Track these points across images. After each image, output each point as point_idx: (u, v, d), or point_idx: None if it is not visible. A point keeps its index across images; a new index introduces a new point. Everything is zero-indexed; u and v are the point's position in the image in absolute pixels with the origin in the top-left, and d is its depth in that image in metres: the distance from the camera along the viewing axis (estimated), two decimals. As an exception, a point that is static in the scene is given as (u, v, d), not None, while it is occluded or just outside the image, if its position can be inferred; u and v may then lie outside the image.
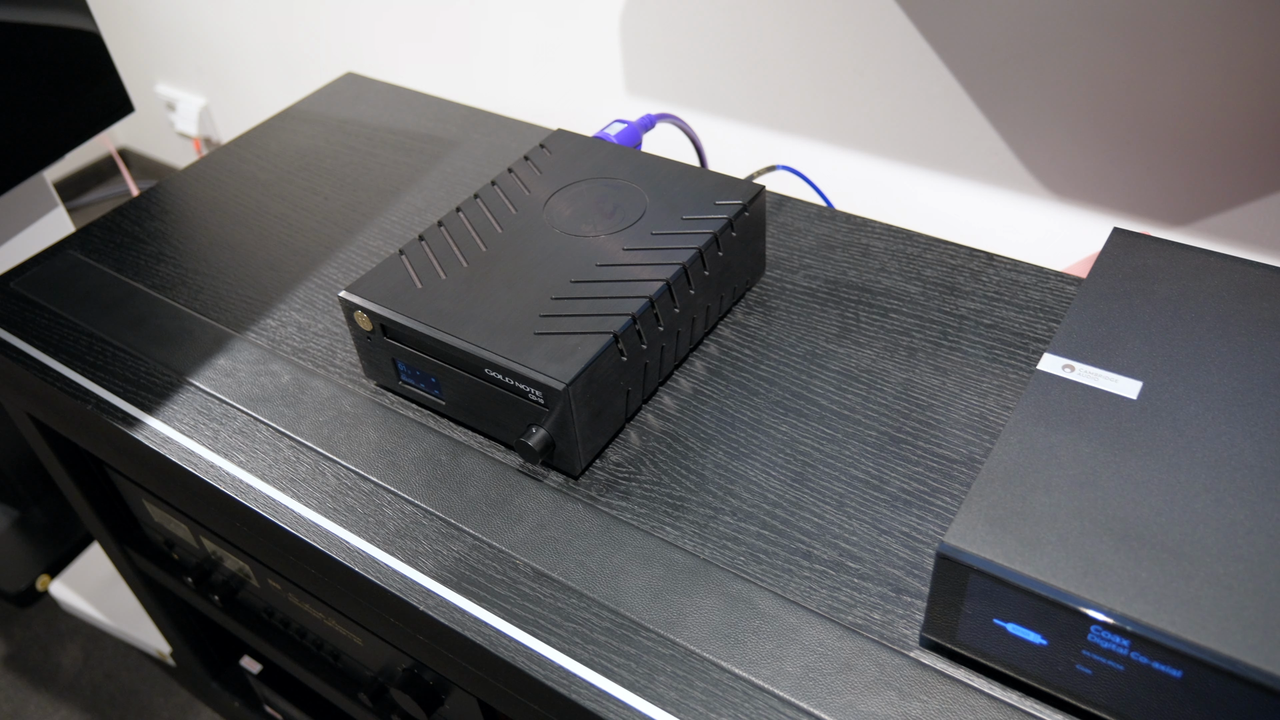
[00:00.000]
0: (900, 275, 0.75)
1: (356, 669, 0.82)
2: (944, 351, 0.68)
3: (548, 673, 0.53)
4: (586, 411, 0.59)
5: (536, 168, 0.75)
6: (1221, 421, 0.51)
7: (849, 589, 0.55)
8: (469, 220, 0.70)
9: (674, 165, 0.73)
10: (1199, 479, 0.48)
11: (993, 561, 0.46)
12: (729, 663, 0.52)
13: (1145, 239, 0.62)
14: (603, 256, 0.66)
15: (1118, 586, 0.44)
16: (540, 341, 0.60)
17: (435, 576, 0.58)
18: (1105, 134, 0.93)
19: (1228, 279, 0.59)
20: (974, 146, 1.02)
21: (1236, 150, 0.88)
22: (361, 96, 1.03)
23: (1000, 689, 0.50)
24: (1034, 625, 0.46)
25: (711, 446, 0.63)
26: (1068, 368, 0.54)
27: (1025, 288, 0.73)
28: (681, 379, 0.68)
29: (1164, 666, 0.43)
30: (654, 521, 0.59)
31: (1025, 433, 0.51)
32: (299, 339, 0.74)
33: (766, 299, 0.74)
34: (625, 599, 0.56)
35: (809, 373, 0.68)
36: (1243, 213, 0.91)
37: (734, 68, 1.13)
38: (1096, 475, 0.49)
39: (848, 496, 0.60)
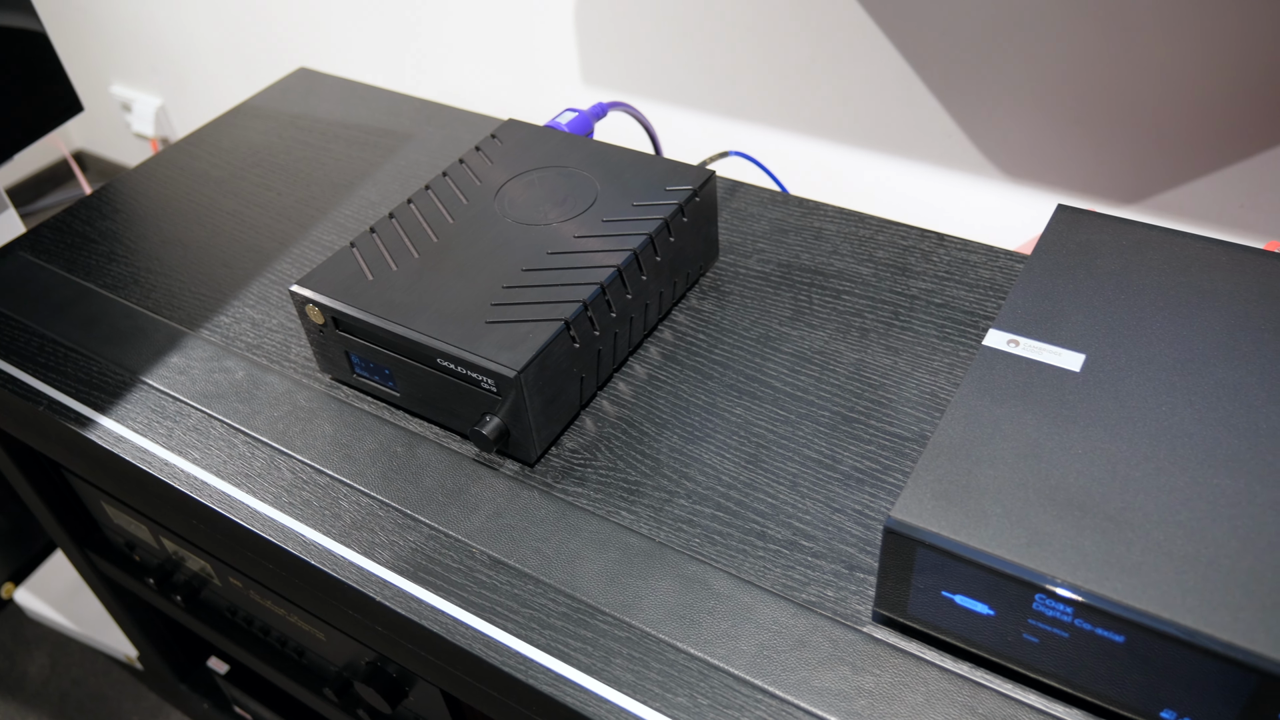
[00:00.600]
0: (852, 257, 0.76)
1: (321, 665, 0.82)
2: (896, 331, 0.69)
3: (505, 659, 0.53)
4: (540, 399, 0.60)
5: (488, 158, 0.75)
6: (1163, 392, 0.51)
7: (803, 567, 0.56)
8: (420, 211, 0.70)
9: (625, 152, 0.74)
10: (1140, 448, 0.49)
11: (938, 534, 0.46)
12: (684, 643, 0.53)
13: (1089, 215, 0.63)
14: (554, 244, 0.66)
15: (1060, 556, 0.45)
16: (492, 330, 0.60)
17: (392, 567, 0.58)
18: (1055, 115, 0.94)
19: (1169, 252, 0.60)
20: (927, 129, 1.03)
21: (1181, 128, 0.89)
22: (314, 91, 1.02)
23: (951, 660, 0.51)
24: (981, 596, 0.47)
25: (666, 431, 0.64)
26: (1012, 343, 0.55)
27: (975, 266, 0.74)
28: (636, 365, 0.68)
29: (1107, 632, 0.44)
30: (609, 506, 0.60)
31: (970, 407, 0.52)
32: (253, 335, 0.74)
33: (720, 283, 0.74)
34: (581, 583, 0.56)
35: (762, 355, 0.68)
36: (1188, 189, 0.92)
37: (689, 56, 1.13)
38: (1040, 447, 0.49)
39: (801, 476, 0.60)
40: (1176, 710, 0.45)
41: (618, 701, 0.51)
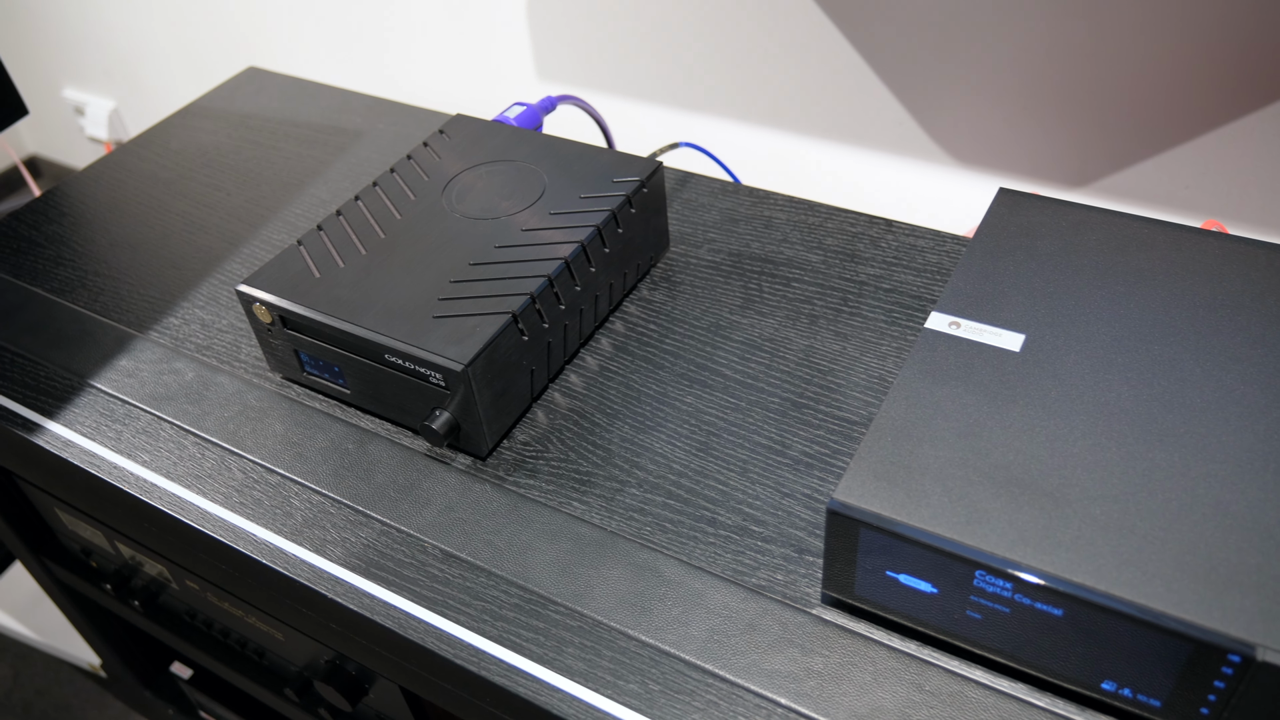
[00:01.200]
0: (802, 245, 0.76)
1: (282, 665, 0.81)
2: (844, 317, 0.69)
3: (457, 651, 0.53)
4: (489, 392, 0.60)
5: (435, 153, 0.75)
6: (1100, 369, 0.52)
7: (753, 552, 0.56)
8: (367, 208, 0.70)
9: (573, 145, 0.74)
10: (1078, 425, 0.50)
11: (880, 514, 0.47)
12: (636, 630, 0.53)
13: (1030, 197, 0.64)
14: (502, 238, 0.66)
15: (999, 532, 0.45)
16: (439, 324, 0.60)
17: (343, 564, 0.58)
18: (1005, 102, 0.95)
19: (1107, 232, 0.60)
20: (879, 118, 1.04)
21: (1126, 112, 0.90)
22: (264, 90, 1.02)
23: (899, 639, 0.51)
24: (924, 575, 0.47)
25: (618, 421, 0.64)
26: (954, 325, 0.56)
27: (923, 251, 0.74)
28: (588, 356, 0.69)
29: (1046, 606, 0.45)
30: (561, 497, 0.60)
31: (912, 389, 0.52)
32: (203, 336, 0.73)
33: (671, 274, 0.75)
34: (533, 574, 0.56)
35: (713, 344, 0.68)
36: (1135, 171, 0.93)
37: (644, 49, 1.13)
38: (980, 426, 0.50)
39: (751, 462, 0.61)
40: (1116, 681, 0.45)
41: (570, 690, 0.51)
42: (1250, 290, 0.56)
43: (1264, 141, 0.85)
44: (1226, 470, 0.47)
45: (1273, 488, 0.46)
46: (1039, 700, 0.48)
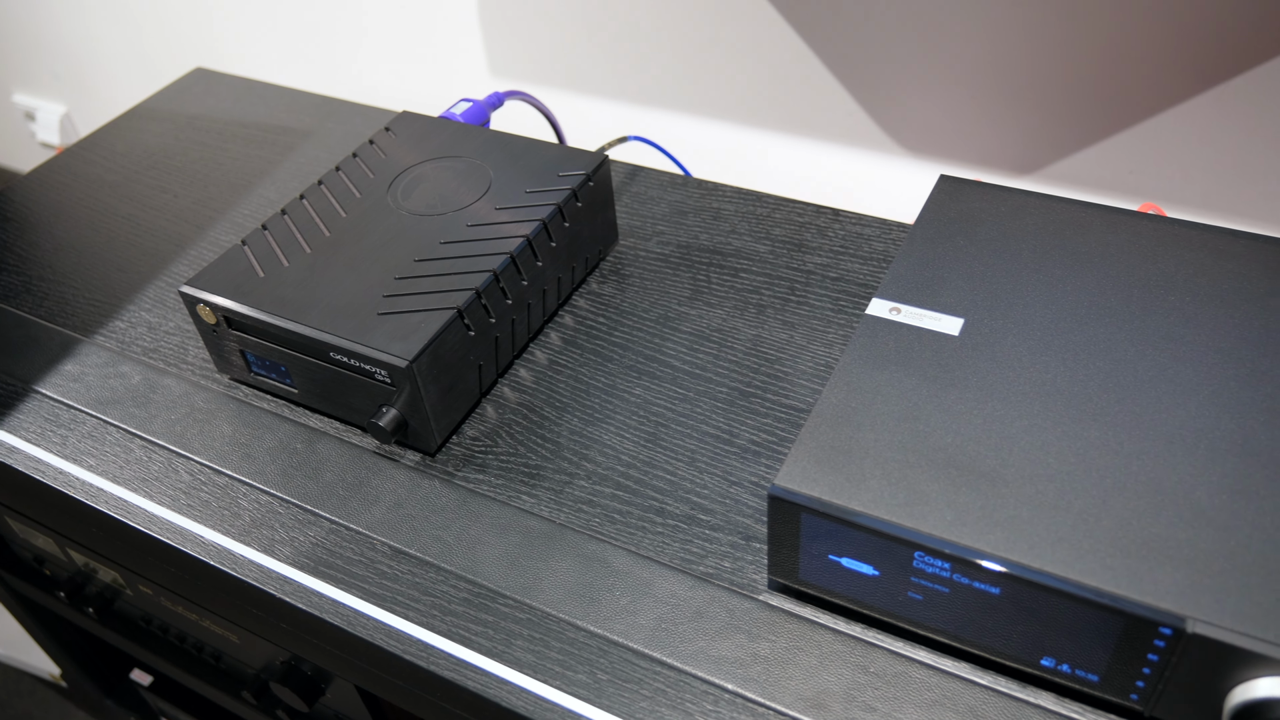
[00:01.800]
0: (750, 236, 0.76)
1: (239, 668, 0.81)
2: (792, 306, 0.70)
3: (405, 647, 0.53)
4: (436, 388, 0.60)
5: (381, 151, 0.74)
6: (1036, 351, 0.53)
7: (701, 540, 0.56)
8: (312, 207, 0.69)
9: (519, 140, 0.74)
10: (1015, 407, 0.50)
11: (820, 499, 0.47)
12: (584, 621, 0.53)
13: (969, 184, 0.64)
14: (447, 234, 0.66)
15: (937, 514, 0.46)
16: (384, 321, 0.60)
17: (292, 563, 0.58)
18: (953, 91, 0.96)
19: (1044, 217, 0.61)
20: (829, 109, 1.04)
21: (1070, 99, 0.91)
22: (211, 91, 1.01)
23: (844, 622, 0.52)
24: (865, 558, 0.48)
25: (567, 414, 0.64)
26: (894, 310, 0.56)
27: (869, 240, 0.75)
28: (537, 351, 0.69)
29: (984, 585, 0.45)
30: (510, 491, 0.60)
31: (853, 375, 0.53)
32: (149, 339, 0.73)
33: (621, 267, 0.75)
34: (482, 569, 0.56)
35: (662, 336, 0.69)
36: (1080, 157, 0.94)
37: (595, 44, 1.13)
38: (919, 410, 0.50)
39: (699, 452, 0.61)
40: (1055, 657, 0.46)
41: (519, 682, 0.51)
42: (1183, 270, 0.57)
43: (1204, 126, 0.86)
44: (1159, 447, 0.48)
45: (1204, 464, 0.47)
46: (981, 678, 0.49)
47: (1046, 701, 0.48)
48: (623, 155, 1.13)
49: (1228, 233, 0.59)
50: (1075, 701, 0.48)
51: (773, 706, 0.49)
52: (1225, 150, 0.86)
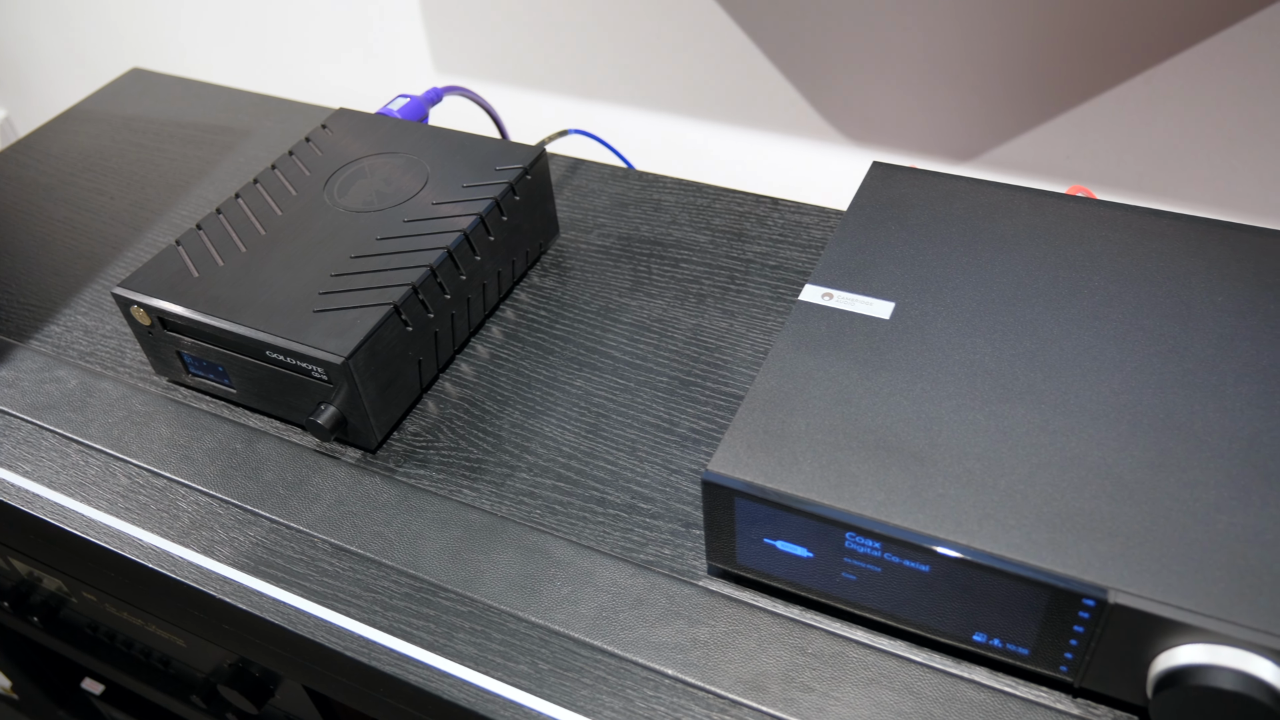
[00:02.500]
0: (690, 226, 0.77)
1: (188, 673, 0.80)
2: (731, 295, 0.70)
3: (347, 644, 0.53)
4: (374, 384, 0.60)
5: (317, 148, 0.74)
6: (965, 333, 0.54)
7: (641, 529, 0.57)
8: (248, 205, 0.69)
9: (456, 135, 0.74)
10: (943, 387, 0.51)
11: (752, 483, 0.48)
12: (526, 612, 0.53)
13: (901, 170, 0.65)
14: (384, 230, 0.66)
15: (867, 494, 0.47)
16: (319, 319, 0.59)
17: (232, 563, 0.57)
18: (893, 79, 0.97)
19: (974, 201, 0.62)
20: (771, 100, 1.05)
21: (1008, 86, 0.92)
22: (148, 92, 1.00)
23: (783, 605, 0.52)
24: (799, 540, 0.48)
25: (508, 408, 0.64)
26: (827, 296, 0.57)
27: (808, 228, 0.76)
28: (479, 345, 0.69)
29: (914, 564, 0.46)
30: (452, 486, 0.60)
31: (785, 360, 0.53)
32: (86, 342, 0.72)
33: (562, 260, 0.75)
34: (424, 563, 0.56)
35: (603, 327, 0.69)
36: (1018, 143, 0.95)
37: (539, 39, 1.13)
38: (850, 393, 0.51)
39: (640, 441, 0.61)
40: (987, 632, 0.47)
41: (461, 675, 0.51)
42: (1108, 251, 0.58)
43: (1135, 109, 0.87)
44: (1083, 424, 0.49)
45: (1126, 438, 0.48)
46: (917, 656, 0.50)
47: (980, 676, 0.49)
48: (567, 149, 1.13)
49: (1151, 213, 0.60)
50: (1008, 675, 0.49)
51: (712, 690, 0.49)
52: (1157, 132, 0.87)
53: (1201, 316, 0.53)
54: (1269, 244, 0.57)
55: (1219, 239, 0.58)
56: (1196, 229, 0.59)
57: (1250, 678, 0.41)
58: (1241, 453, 0.47)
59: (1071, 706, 0.47)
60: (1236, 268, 0.56)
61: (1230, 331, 0.52)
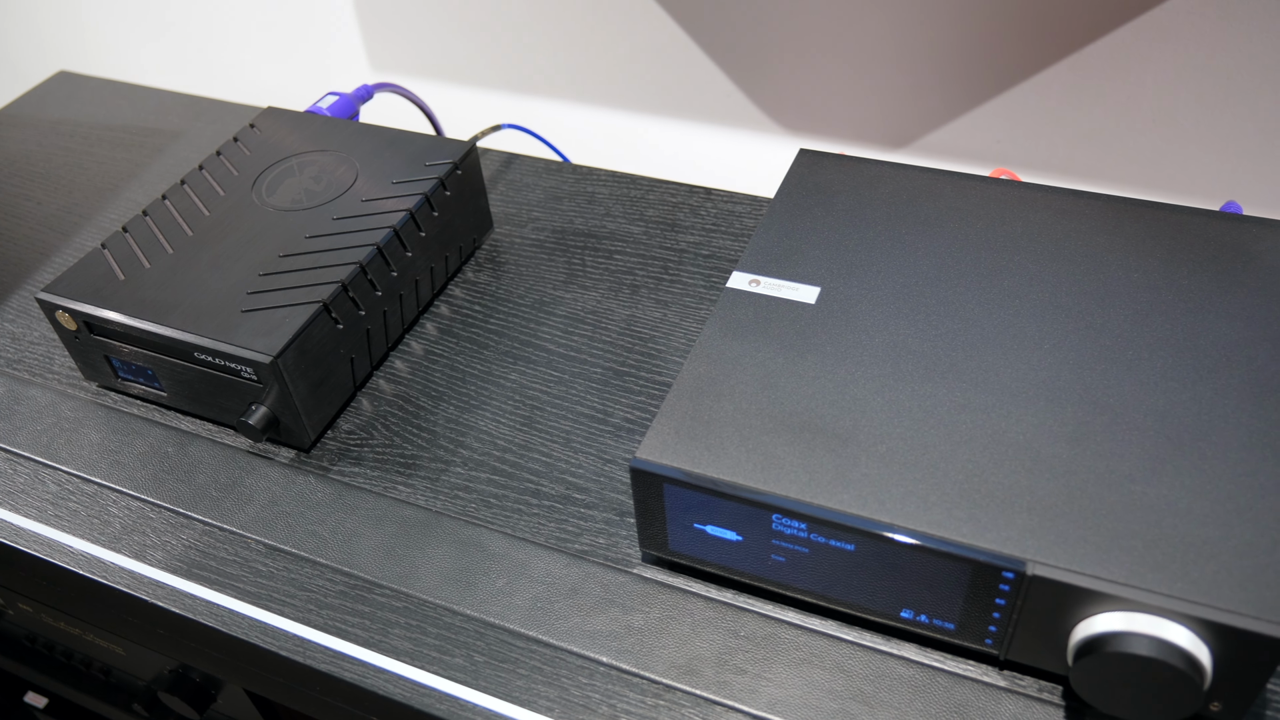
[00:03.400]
0: (624, 218, 0.77)
1: (129, 681, 0.80)
2: (665, 285, 0.71)
3: (281, 643, 0.53)
4: (305, 383, 0.59)
5: (245, 148, 0.73)
6: (889, 315, 0.54)
7: (576, 519, 0.57)
8: (175, 206, 0.68)
9: (386, 132, 0.73)
10: (867, 369, 0.52)
11: (679, 469, 0.48)
12: (461, 605, 0.53)
13: (828, 156, 0.66)
14: (313, 228, 0.65)
15: (792, 477, 0.47)
16: (248, 318, 0.59)
17: (165, 567, 0.57)
18: (826, 67, 0.98)
19: (898, 185, 0.63)
20: (708, 91, 1.05)
21: (938, 73, 0.93)
22: (76, 94, 0.98)
23: (716, 590, 0.53)
24: (728, 524, 0.49)
25: (442, 403, 0.64)
26: (754, 282, 0.57)
27: (740, 217, 0.76)
28: (413, 342, 0.69)
29: (839, 543, 0.47)
30: (386, 483, 0.60)
31: (712, 347, 0.54)
32: (13, 350, 0.71)
33: (496, 255, 0.75)
34: (358, 561, 0.56)
35: (537, 321, 0.69)
36: (950, 129, 0.97)
37: (474, 34, 1.13)
38: (776, 378, 0.52)
39: (574, 433, 0.62)
40: (914, 609, 0.48)
41: (396, 670, 0.51)
42: (1028, 231, 0.59)
43: (1062, 93, 0.89)
44: (1003, 401, 0.49)
45: (1045, 414, 0.49)
46: (847, 635, 0.50)
47: (909, 652, 0.50)
48: (502, 144, 1.13)
49: (1070, 193, 0.61)
50: (936, 650, 0.50)
51: (646, 676, 0.50)
52: (1084, 115, 0.89)
53: (1118, 293, 0.54)
54: (1183, 221, 0.58)
55: (1135, 217, 0.59)
56: (1114, 208, 0.60)
57: (1165, 643, 0.42)
58: (1155, 424, 0.48)
59: (998, 679, 0.48)
60: (1152, 245, 0.57)
61: (1145, 307, 0.53)
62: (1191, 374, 0.50)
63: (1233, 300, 0.53)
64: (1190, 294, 0.54)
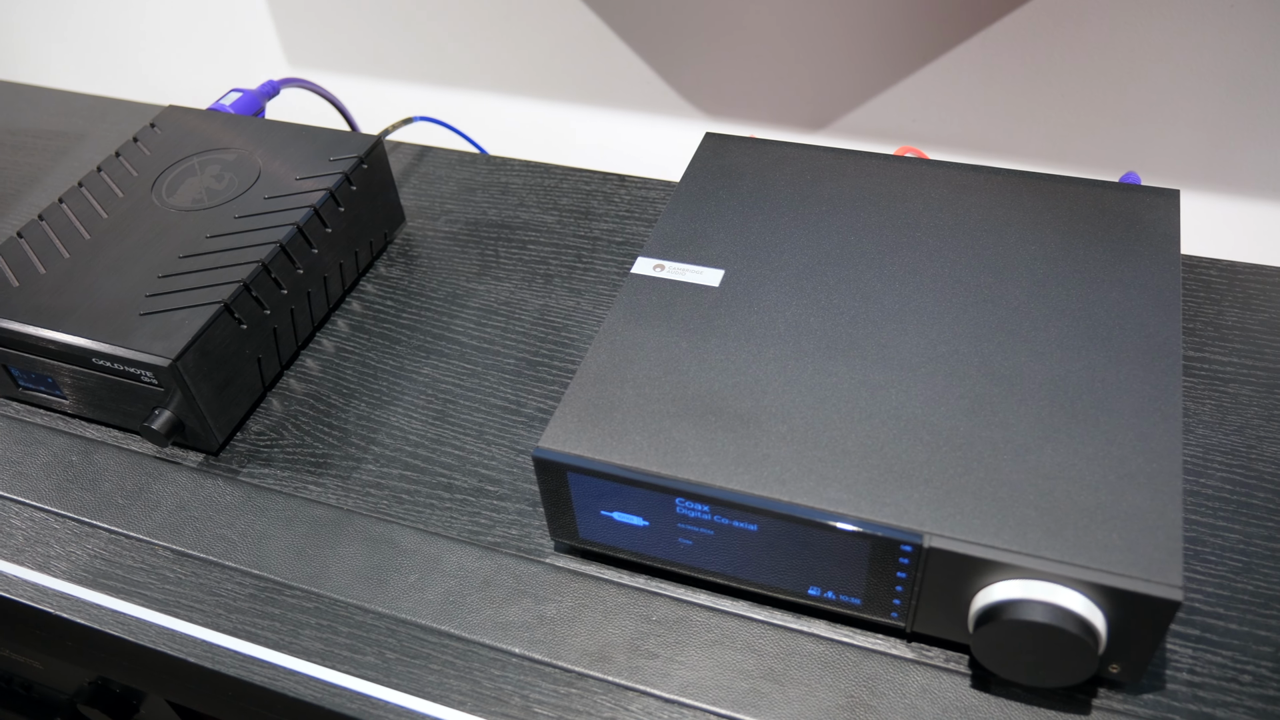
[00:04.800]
0: (538, 207, 0.77)
1: (52, 696, 0.78)
2: (579, 273, 0.71)
3: (189, 650, 0.52)
4: (208, 385, 0.58)
5: (145, 148, 0.72)
6: (791, 295, 0.55)
7: (489, 511, 0.57)
8: (72, 210, 0.67)
9: (290, 128, 0.72)
10: (770, 350, 0.52)
11: (581, 456, 0.48)
12: (372, 603, 0.53)
13: (733, 139, 0.66)
14: (214, 228, 0.64)
15: (693, 459, 0.47)
16: (146, 321, 0.58)
17: (69, 578, 0.56)
18: (744, 52, 0.98)
19: (802, 166, 0.63)
20: (627, 78, 1.05)
21: (853, 54, 0.94)
22: (-24, 99, 0.96)
23: (628, 575, 0.53)
24: (634, 510, 0.49)
25: (354, 400, 0.64)
26: (658, 267, 0.57)
27: (655, 202, 0.76)
28: (324, 339, 0.68)
29: (742, 524, 0.47)
30: (297, 483, 0.59)
31: (616, 334, 0.54)
32: (-89, 362, 0.69)
33: (409, 248, 0.74)
34: (269, 562, 0.55)
35: (450, 314, 0.69)
36: (866, 109, 0.97)
37: (390, 26, 1.11)
38: (679, 362, 0.52)
39: (487, 425, 0.61)
40: (820, 586, 0.48)
41: (307, 671, 0.51)
42: (929, 207, 0.59)
43: (972, 71, 0.90)
44: (903, 376, 0.50)
45: (943, 387, 0.49)
46: (758, 614, 0.51)
47: (819, 629, 0.50)
48: (418, 137, 1.12)
49: (971, 169, 0.62)
50: (845, 626, 0.50)
51: (558, 664, 0.49)
52: (995, 92, 0.89)
53: (1016, 265, 0.55)
54: (1080, 192, 0.59)
55: (1034, 191, 0.60)
56: (1013, 182, 0.60)
57: (1059, 609, 0.42)
58: (1050, 394, 0.48)
59: (906, 651, 0.49)
60: (1049, 217, 0.58)
61: (1042, 278, 0.54)
62: (1086, 342, 0.51)
63: (1125, 268, 0.54)
64: (1085, 264, 0.55)
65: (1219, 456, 0.56)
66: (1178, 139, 0.82)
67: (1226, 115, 0.79)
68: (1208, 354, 0.61)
